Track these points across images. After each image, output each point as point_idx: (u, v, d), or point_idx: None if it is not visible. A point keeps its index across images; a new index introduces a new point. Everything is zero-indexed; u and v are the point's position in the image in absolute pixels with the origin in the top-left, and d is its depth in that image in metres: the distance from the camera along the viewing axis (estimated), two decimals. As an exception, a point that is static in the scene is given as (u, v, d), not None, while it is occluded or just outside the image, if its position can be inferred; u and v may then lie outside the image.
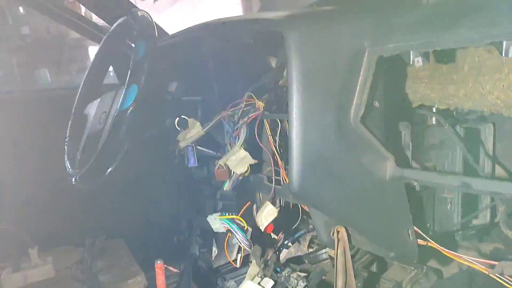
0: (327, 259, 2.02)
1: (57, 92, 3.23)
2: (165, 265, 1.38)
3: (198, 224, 2.63)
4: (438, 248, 1.49)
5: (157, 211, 2.89)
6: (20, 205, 2.25)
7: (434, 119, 1.75)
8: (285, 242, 2.01)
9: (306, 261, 2.07)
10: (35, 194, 2.38)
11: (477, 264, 1.36)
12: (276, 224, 1.89)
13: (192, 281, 2.04)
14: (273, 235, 1.98)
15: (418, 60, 1.33)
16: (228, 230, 1.52)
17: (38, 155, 2.52)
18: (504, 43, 1.11)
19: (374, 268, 2.09)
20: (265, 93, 1.74)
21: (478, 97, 1.44)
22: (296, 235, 2.02)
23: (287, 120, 1.39)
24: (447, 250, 1.44)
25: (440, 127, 1.70)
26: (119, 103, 1.64)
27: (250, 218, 1.69)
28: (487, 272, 1.32)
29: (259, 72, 1.86)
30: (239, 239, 1.49)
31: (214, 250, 2.53)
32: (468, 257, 1.36)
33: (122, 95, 1.64)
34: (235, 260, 1.69)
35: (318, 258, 1.95)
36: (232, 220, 1.50)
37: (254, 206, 1.83)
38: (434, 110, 1.73)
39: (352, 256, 2.04)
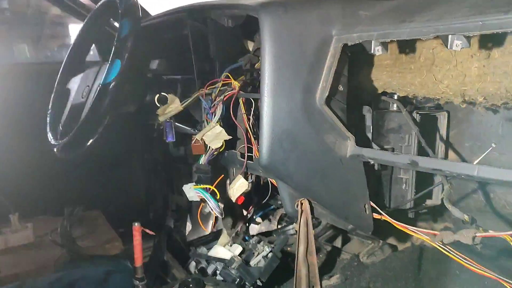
0: (294, 234, 2.18)
1: (40, 67, 3.26)
2: (142, 228, 1.50)
3: (174, 200, 2.76)
4: (390, 221, 1.65)
5: (135, 187, 2.99)
6: (2, 174, 2.32)
7: (395, 105, 1.91)
8: (254, 216, 2.15)
9: (274, 235, 2.23)
10: (17, 164, 2.44)
11: (421, 234, 1.52)
12: (247, 198, 2.04)
13: (167, 250, 2.17)
14: (244, 212, 2.12)
15: (378, 49, 1.47)
16: (202, 199, 1.65)
17: (21, 126, 2.58)
18: (449, 36, 1.25)
19: (336, 243, 2.26)
20: (242, 74, 1.87)
21: (431, 85, 1.60)
22: (266, 210, 2.16)
23: (260, 99, 1.52)
24: (397, 222, 1.61)
25: (399, 113, 1.86)
26: (103, 78, 1.73)
27: (223, 191, 1.82)
28: (429, 240, 1.49)
29: (237, 55, 1.97)
30: (211, 207, 1.61)
31: (189, 225, 2.65)
32: (413, 228, 1.53)
33: (106, 70, 1.73)
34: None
35: (285, 233, 2.09)
36: (206, 190, 1.62)
37: (228, 181, 1.96)
38: (395, 97, 1.89)
39: (319, 234, 2.22)
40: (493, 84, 1.41)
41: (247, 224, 2.01)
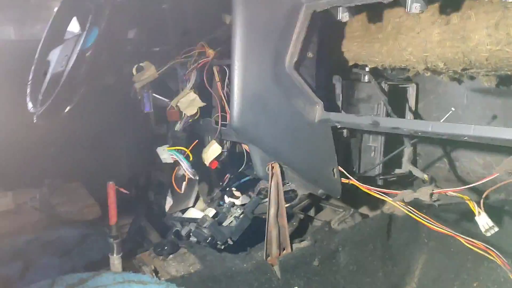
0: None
1: (21, 44, 3.27)
2: (117, 187, 1.54)
3: (155, 176, 2.80)
4: (356, 184, 1.72)
5: (118, 162, 3.02)
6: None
7: (366, 77, 1.98)
8: (231, 186, 2.21)
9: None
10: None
11: (383, 195, 1.60)
12: (223, 167, 2.10)
13: (146, 220, 2.22)
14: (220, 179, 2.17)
15: (345, 16, 1.52)
16: (175, 161, 1.70)
17: (3, 100, 2.60)
18: (409, 0, 1.32)
19: (311, 212, 2.33)
20: (219, 46, 1.92)
21: (397, 53, 1.66)
22: (242, 180, 2.21)
23: (230, 64, 1.57)
24: (362, 185, 1.68)
25: (369, 84, 1.93)
26: (80, 44, 1.77)
27: (199, 157, 1.88)
28: (391, 200, 1.57)
29: (215, 27, 2.02)
30: (184, 168, 1.67)
31: (169, 200, 2.70)
32: (376, 189, 1.60)
33: (83, 37, 1.77)
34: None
35: (258, 196, 2.12)
36: (179, 151, 1.68)
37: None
38: (367, 69, 1.96)
39: (294, 204, 2.29)
40: (452, 49, 1.48)
41: (222, 192, 2.07)
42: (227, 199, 2.30)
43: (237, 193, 2.47)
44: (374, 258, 1.97)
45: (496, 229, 1.43)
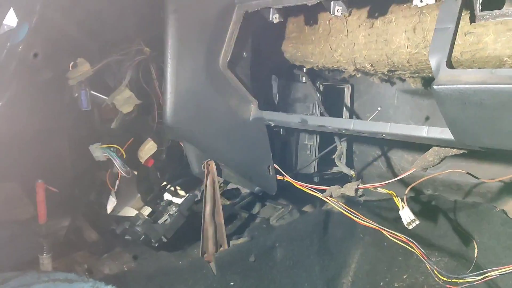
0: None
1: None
2: (46, 185, 1.51)
3: (98, 175, 2.75)
4: (291, 181, 1.77)
5: (55, 160, 2.93)
6: None
7: (304, 77, 2.04)
8: (172, 184, 2.21)
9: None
10: None
11: (315, 191, 1.65)
12: (162, 165, 2.09)
13: (83, 218, 2.17)
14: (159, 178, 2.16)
15: (275, 17, 1.57)
16: (108, 159, 1.69)
17: None
18: (332, 3, 1.37)
19: (255, 209, 2.36)
20: (157, 44, 1.91)
21: (328, 54, 1.73)
22: (184, 178, 2.21)
23: (163, 62, 1.58)
24: (296, 181, 1.72)
25: (305, 84, 1.98)
26: (10, 39, 1.72)
27: (133, 155, 1.87)
28: (321, 196, 1.62)
29: (153, 25, 2.01)
30: (117, 165, 1.66)
31: (113, 199, 2.66)
32: (308, 185, 1.65)
33: (15, 31, 1.72)
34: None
35: (193, 193, 2.12)
36: (112, 149, 1.67)
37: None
38: (304, 70, 2.02)
39: (236, 202, 2.32)
40: (376, 51, 1.55)
41: (161, 191, 2.07)
42: (170, 197, 2.29)
43: (181, 192, 2.48)
44: (311, 253, 2.02)
45: (418, 222, 1.50)
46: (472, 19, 1.06)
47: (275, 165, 1.82)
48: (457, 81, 0.95)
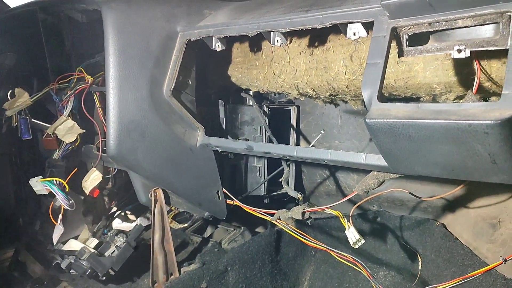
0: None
1: None
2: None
3: (45, 203, 2.64)
4: (240, 205, 1.78)
5: (2, 192, 2.80)
6: None
7: (250, 101, 2.06)
8: (122, 211, 2.16)
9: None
10: None
11: (265, 215, 1.67)
12: (110, 193, 2.04)
13: (27, 251, 2.08)
14: (107, 205, 2.11)
15: (218, 45, 1.59)
16: (50, 192, 1.63)
17: None
18: (271, 33, 1.41)
19: (205, 234, 2.35)
20: (101, 70, 1.88)
21: (272, 80, 1.76)
22: (134, 204, 2.17)
23: (105, 91, 1.55)
24: (245, 206, 1.74)
25: (251, 107, 2.01)
26: None
27: (78, 184, 1.81)
28: (269, 219, 1.64)
29: (95, 51, 1.98)
30: (60, 199, 1.60)
31: (61, 228, 2.56)
32: (258, 209, 1.67)
33: None
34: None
35: (140, 224, 2.09)
36: (53, 182, 1.61)
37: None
38: (250, 93, 2.04)
39: (187, 226, 2.30)
40: (317, 78, 1.60)
41: (108, 220, 2.02)
42: (119, 225, 2.24)
43: (131, 217, 2.42)
44: (263, 274, 2.04)
45: (363, 241, 1.54)
46: (401, 54, 1.12)
47: (224, 190, 1.82)
48: (387, 115, 0.99)
